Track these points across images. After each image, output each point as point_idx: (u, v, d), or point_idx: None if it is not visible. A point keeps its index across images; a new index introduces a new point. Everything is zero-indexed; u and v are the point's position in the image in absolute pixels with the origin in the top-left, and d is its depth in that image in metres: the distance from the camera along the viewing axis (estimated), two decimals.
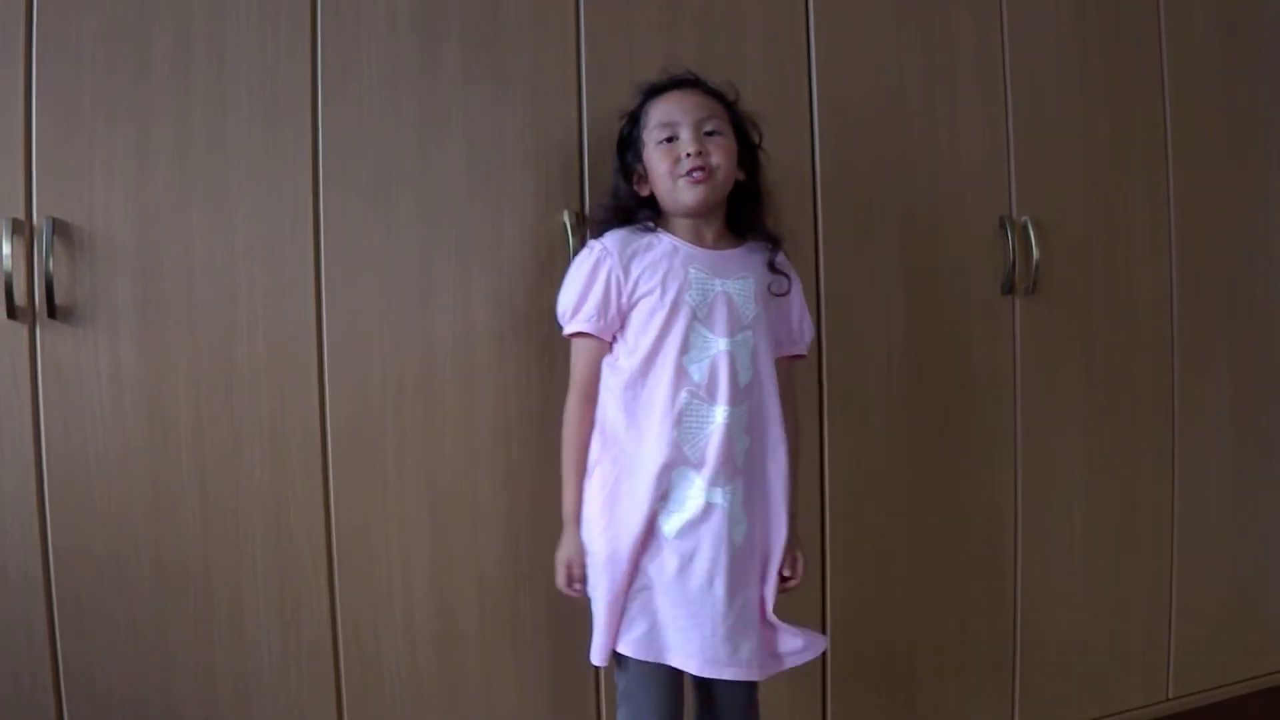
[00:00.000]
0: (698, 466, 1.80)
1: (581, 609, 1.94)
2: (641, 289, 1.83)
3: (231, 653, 1.86)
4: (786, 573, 1.90)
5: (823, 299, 2.27)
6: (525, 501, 2.02)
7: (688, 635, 1.79)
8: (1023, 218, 2.46)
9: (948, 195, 2.40)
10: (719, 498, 1.80)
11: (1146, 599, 2.69)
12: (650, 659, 1.81)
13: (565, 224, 2.02)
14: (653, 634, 1.81)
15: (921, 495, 2.40)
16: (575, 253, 1.95)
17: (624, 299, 1.83)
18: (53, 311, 1.73)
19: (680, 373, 1.80)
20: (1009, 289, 2.45)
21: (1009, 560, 2.51)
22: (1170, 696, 2.74)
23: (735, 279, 1.86)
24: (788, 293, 1.93)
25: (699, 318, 1.82)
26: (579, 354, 1.88)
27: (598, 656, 1.83)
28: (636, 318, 1.83)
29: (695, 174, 1.81)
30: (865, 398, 2.32)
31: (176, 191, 1.80)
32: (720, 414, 1.80)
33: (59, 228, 1.73)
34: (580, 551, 1.86)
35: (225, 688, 1.86)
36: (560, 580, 1.89)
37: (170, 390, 1.81)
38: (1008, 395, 2.48)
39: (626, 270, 1.83)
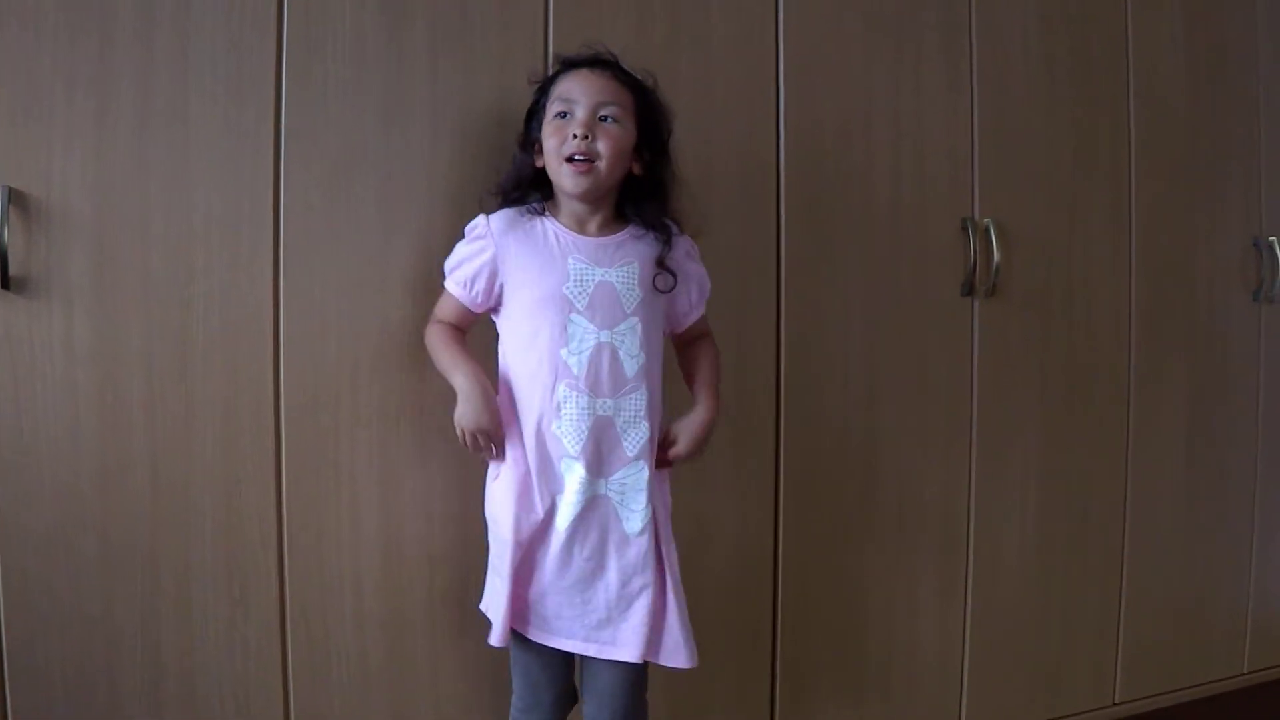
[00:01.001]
0: (580, 458, 1.81)
1: None
2: (515, 277, 1.86)
3: (178, 631, 1.87)
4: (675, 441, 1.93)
5: (783, 298, 2.30)
6: (476, 488, 2.03)
7: (570, 621, 1.85)
8: (985, 220, 2.49)
9: (911, 196, 2.44)
10: (606, 489, 1.83)
11: (1096, 603, 2.74)
12: (541, 641, 1.87)
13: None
14: (539, 616, 1.86)
15: (875, 495, 2.44)
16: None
17: (493, 283, 1.88)
18: (6, 282, 1.73)
19: (558, 365, 1.81)
20: (969, 291, 2.49)
21: (960, 562, 2.55)
22: (1117, 701, 2.80)
23: (618, 266, 1.86)
24: (672, 289, 1.91)
25: (577, 309, 1.82)
26: (445, 301, 1.93)
27: (497, 639, 1.85)
28: (513, 305, 1.87)
29: (576, 161, 1.81)
30: (822, 396, 2.35)
31: (136, 164, 1.81)
32: (603, 406, 1.82)
33: (15, 197, 1.73)
34: (490, 419, 1.84)
35: (171, 666, 1.86)
36: (469, 442, 1.87)
37: (123, 365, 1.81)
38: (964, 397, 2.52)
39: (504, 253, 1.86)
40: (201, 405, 1.86)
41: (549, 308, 1.82)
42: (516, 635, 1.89)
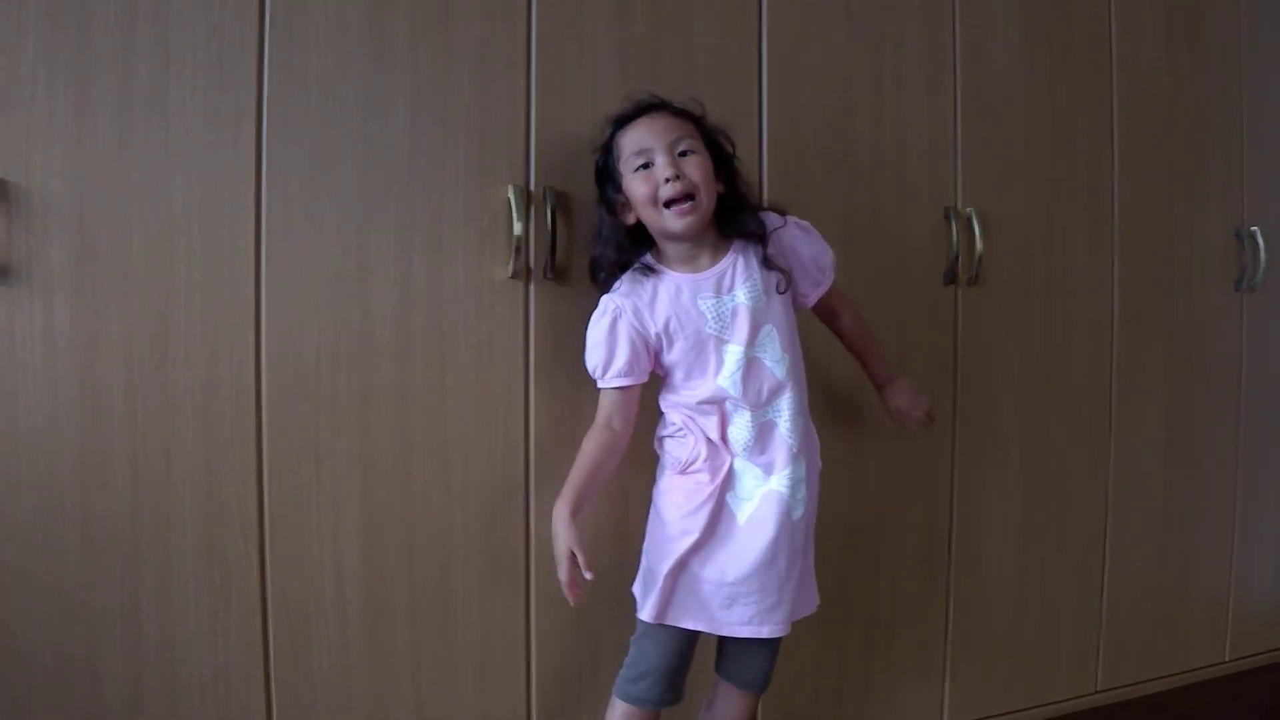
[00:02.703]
0: (752, 460, 1.97)
1: (514, 589, 1.99)
2: (661, 337, 1.97)
3: (159, 621, 1.89)
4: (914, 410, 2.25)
5: None
6: (458, 477, 2.07)
7: (742, 609, 1.97)
8: (968, 209, 2.53)
9: (893, 185, 2.47)
10: (779, 484, 1.97)
11: (1077, 591, 2.79)
12: (699, 628, 1.99)
13: (509, 199, 2.06)
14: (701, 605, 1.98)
15: (857, 485, 2.47)
16: (533, 227, 2.06)
17: (649, 348, 1.98)
18: None
19: (718, 390, 1.95)
20: (951, 280, 2.53)
21: (942, 551, 2.59)
22: (1099, 689, 2.84)
23: (742, 285, 1.97)
24: (789, 286, 2.02)
25: (725, 339, 1.96)
26: (607, 400, 2.01)
27: (650, 614, 1.97)
28: (668, 358, 1.99)
29: (681, 205, 1.90)
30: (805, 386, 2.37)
31: (116, 153, 1.82)
32: (764, 412, 1.97)
33: None
34: (580, 545, 1.91)
35: (152, 656, 1.89)
36: (563, 575, 1.92)
37: (103, 353, 1.83)
38: (947, 386, 2.56)
39: (643, 324, 1.96)
40: (182, 395, 1.88)
41: (702, 350, 1.96)
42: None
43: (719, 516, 1.96)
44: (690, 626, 1.97)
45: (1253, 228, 2.98)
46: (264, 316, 1.94)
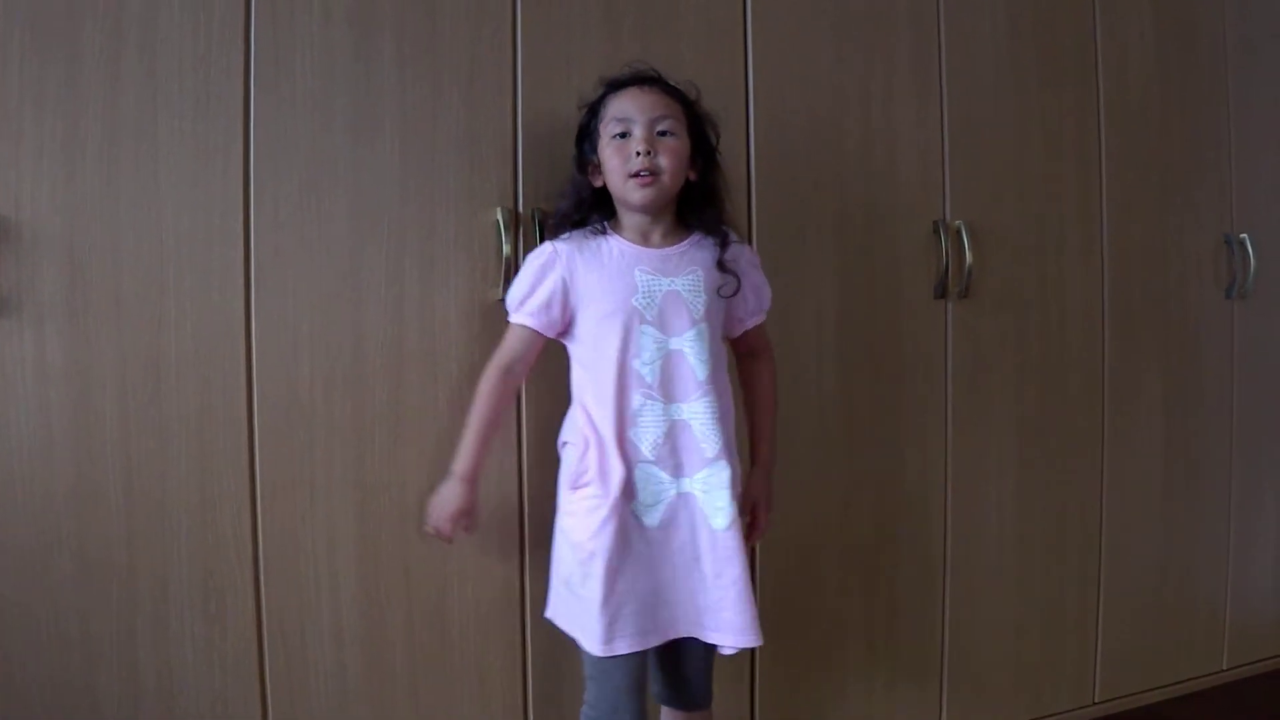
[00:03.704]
0: (660, 463, 1.93)
1: (510, 610, 2.01)
2: (586, 295, 1.95)
3: (155, 650, 1.91)
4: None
5: None
6: None
7: (666, 617, 1.95)
8: (957, 222, 2.56)
9: (882, 198, 2.50)
10: (691, 487, 1.94)
11: (1074, 602, 2.81)
12: (635, 648, 1.93)
13: (498, 221, 2.09)
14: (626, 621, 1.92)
15: (852, 497, 2.49)
16: (522, 248, 2.09)
17: (567, 303, 1.96)
18: None
19: (632, 375, 1.93)
20: (941, 293, 2.55)
21: (938, 562, 2.61)
22: (1097, 700, 2.86)
23: (684, 275, 1.96)
24: (735, 293, 2.01)
25: (647, 319, 1.93)
26: (512, 336, 2.00)
27: (598, 646, 1.90)
28: (583, 324, 1.97)
29: (642, 176, 1.91)
30: (797, 399, 2.40)
31: (105, 183, 1.84)
32: (677, 410, 1.94)
33: None
34: (464, 504, 1.97)
35: (149, 684, 1.90)
36: (437, 520, 1.98)
37: (96, 383, 1.85)
38: (939, 399, 2.58)
39: (573, 275, 1.95)
40: (175, 423, 1.90)
41: (619, 321, 1.93)
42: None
43: (626, 527, 1.91)
44: (641, 647, 1.93)
45: (1242, 235, 3.01)
46: (255, 343, 1.95)
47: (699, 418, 1.94)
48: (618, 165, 1.93)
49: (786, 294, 2.36)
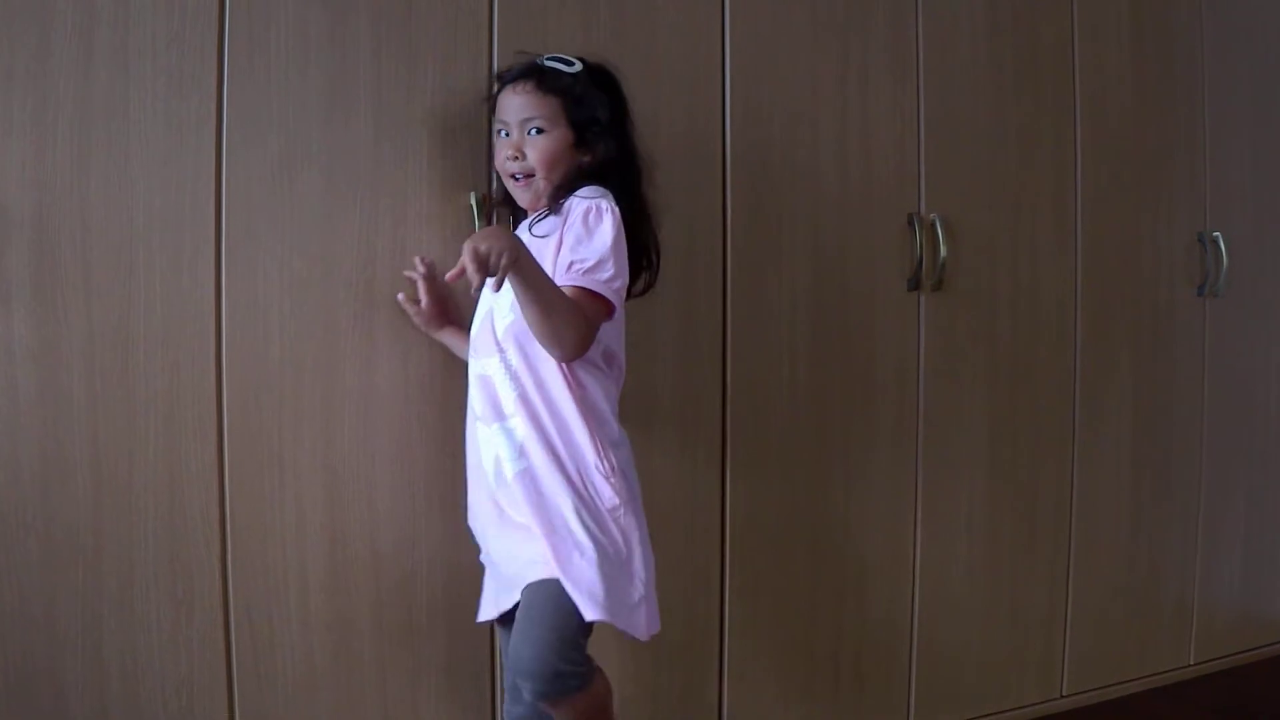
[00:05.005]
0: (482, 419, 1.93)
1: (474, 595, 2.02)
2: None
3: (121, 632, 1.90)
4: None
5: (729, 292, 2.37)
6: (423, 487, 2.09)
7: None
8: (931, 215, 2.58)
9: (857, 191, 2.52)
10: (491, 434, 1.92)
11: (1043, 596, 2.85)
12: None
13: (471, 205, 2.09)
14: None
15: (822, 491, 2.52)
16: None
17: None
18: None
19: (472, 337, 1.99)
20: (915, 285, 2.58)
21: (907, 556, 2.64)
22: (1064, 694, 2.90)
23: (526, 231, 1.96)
24: (545, 235, 1.89)
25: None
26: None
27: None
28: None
29: (517, 179, 1.95)
30: (768, 391, 2.43)
31: (75, 161, 1.84)
32: (482, 365, 1.93)
33: None
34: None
35: (114, 667, 1.90)
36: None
37: (64, 362, 1.84)
38: (911, 392, 2.61)
39: None
40: (143, 405, 1.90)
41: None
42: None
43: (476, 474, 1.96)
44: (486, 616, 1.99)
45: (1215, 233, 3.05)
46: (225, 325, 1.95)
47: (497, 372, 1.89)
48: (499, 163, 1.99)
49: (759, 283, 2.40)
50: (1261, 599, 3.30)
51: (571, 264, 1.83)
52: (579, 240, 1.84)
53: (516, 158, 1.93)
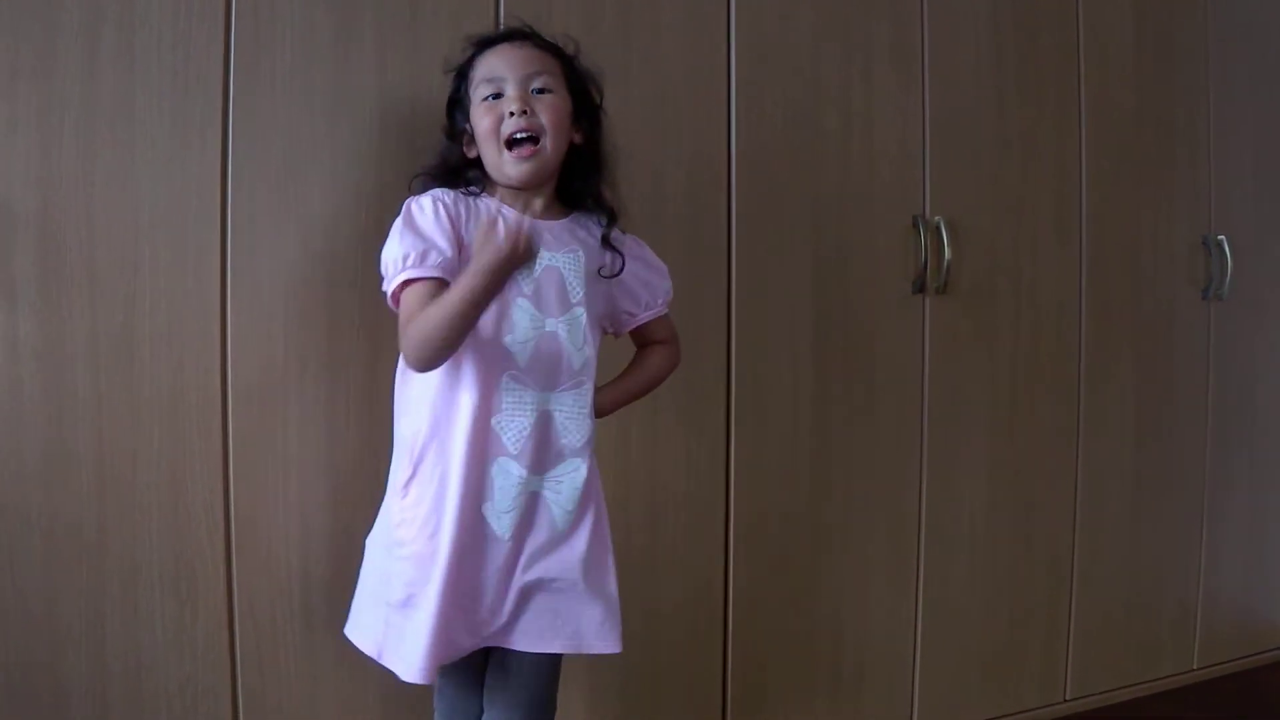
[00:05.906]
0: (518, 457, 1.75)
1: None
2: (458, 261, 1.72)
3: (124, 630, 1.91)
4: None
5: (734, 294, 2.38)
6: None
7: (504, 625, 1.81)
8: (936, 218, 2.59)
9: (861, 194, 2.53)
10: (542, 486, 1.78)
11: (1046, 599, 2.85)
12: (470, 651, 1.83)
13: None
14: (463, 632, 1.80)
15: (825, 492, 2.52)
16: None
17: (460, 259, 1.72)
18: None
19: (501, 354, 1.73)
20: (920, 288, 2.58)
21: (911, 558, 2.64)
22: (1067, 698, 2.90)
23: (565, 252, 1.80)
24: (619, 273, 1.86)
25: (524, 293, 1.75)
26: (412, 299, 1.71)
27: (422, 675, 1.77)
28: None
29: (523, 147, 1.74)
30: (772, 393, 2.44)
31: (81, 160, 1.85)
32: (545, 400, 1.77)
33: None
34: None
35: (117, 666, 1.91)
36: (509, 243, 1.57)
37: (69, 360, 1.85)
38: (915, 394, 2.62)
39: (463, 224, 1.76)
40: (148, 403, 1.91)
41: None
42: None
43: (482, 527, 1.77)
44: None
45: (1219, 236, 3.06)
46: (230, 323, 1.96)
47: (564, 409, 1.77)
48: (490, 128, 1.75)
49: (764, 286, 2.40)
50: (1266, 603, 3.30)
51: (656, 301, 1.93)
52: (653, 277, 1.93)
53: (525, 112, 1.73)
